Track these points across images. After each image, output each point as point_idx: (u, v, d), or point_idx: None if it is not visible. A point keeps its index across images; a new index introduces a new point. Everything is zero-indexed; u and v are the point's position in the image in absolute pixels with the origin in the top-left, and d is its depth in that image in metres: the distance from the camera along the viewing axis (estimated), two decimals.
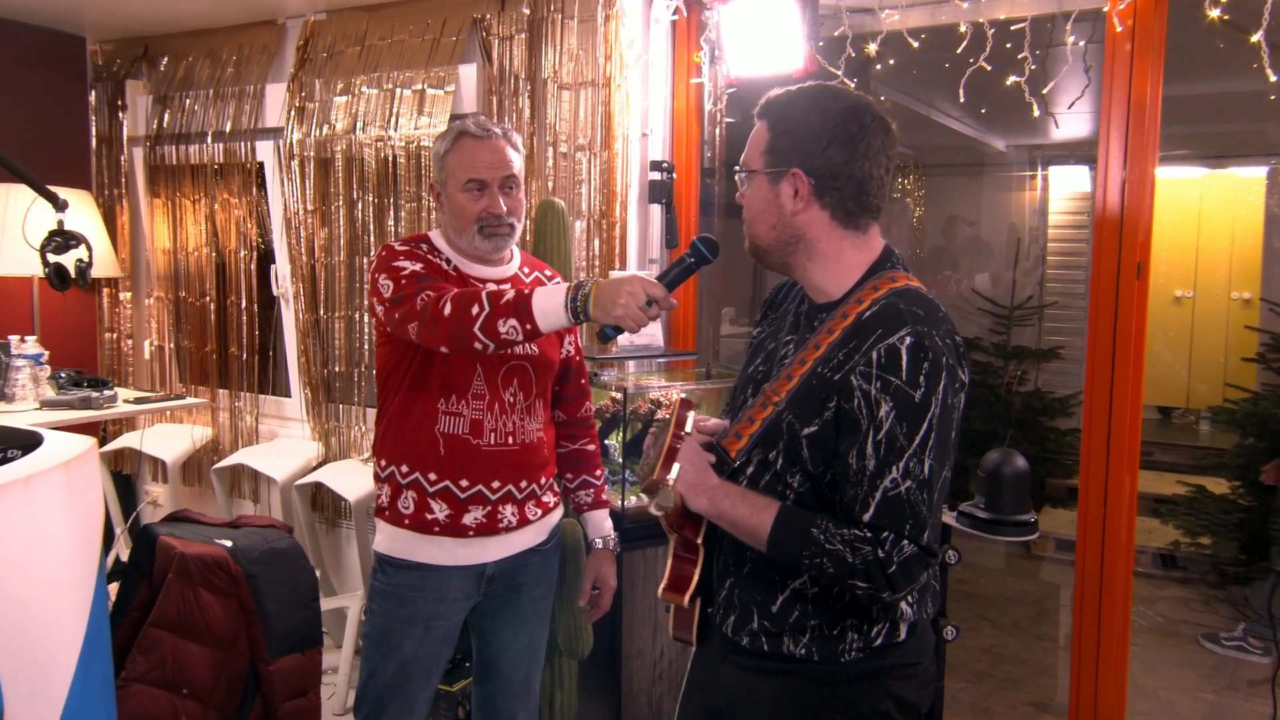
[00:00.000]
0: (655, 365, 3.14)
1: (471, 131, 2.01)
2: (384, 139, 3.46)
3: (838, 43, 2.83)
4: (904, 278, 1.48)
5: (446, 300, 1.81)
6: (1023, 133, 6.19)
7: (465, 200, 2.00)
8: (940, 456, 1.38)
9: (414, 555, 2.04)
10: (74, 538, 1.40)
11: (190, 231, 4.08)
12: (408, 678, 2.06)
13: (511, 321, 1.76)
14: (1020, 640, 4.14)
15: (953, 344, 1.42)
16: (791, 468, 1.46)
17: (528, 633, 2.18)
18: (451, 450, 2.00)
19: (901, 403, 1.36)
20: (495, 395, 2.01)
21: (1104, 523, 2.65)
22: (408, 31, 3.47)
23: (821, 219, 1.48)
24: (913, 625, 1.49)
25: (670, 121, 3.28)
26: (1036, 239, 6.55)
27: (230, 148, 3.89)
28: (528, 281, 2.12)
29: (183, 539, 2.79)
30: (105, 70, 4.22)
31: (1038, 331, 6.23)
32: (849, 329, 1.42)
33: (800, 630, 1.47)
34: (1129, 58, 2.51)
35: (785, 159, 1.46)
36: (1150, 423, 5.80)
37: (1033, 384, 5.94)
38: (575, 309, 1.73)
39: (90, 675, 1.41)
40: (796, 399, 1.44)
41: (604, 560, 2.24)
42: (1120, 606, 2.67)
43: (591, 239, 3.14)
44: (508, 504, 2.04)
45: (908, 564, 1.36)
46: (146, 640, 2.71)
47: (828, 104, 1.46)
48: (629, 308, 1.67)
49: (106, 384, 3.14)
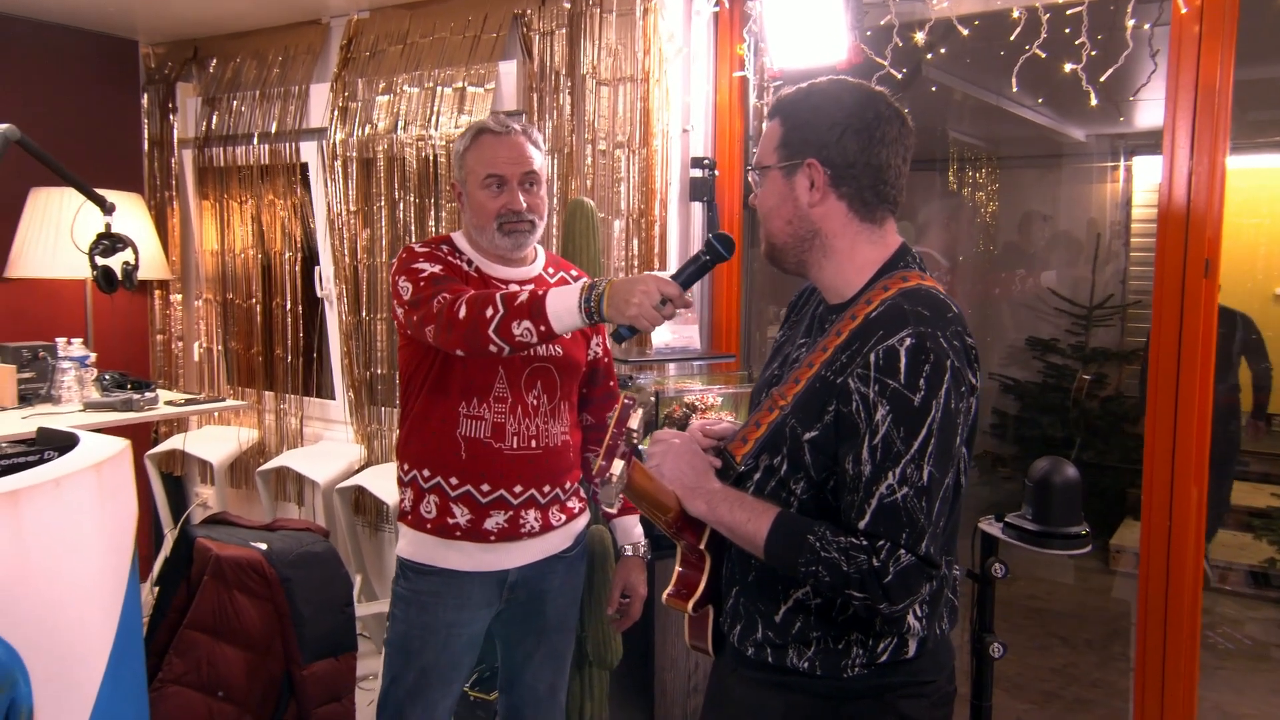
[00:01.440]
0: (695, 368, 3.05)
1: (491, 128, 1.99)
2: (425, 138, 3.43)
3: (885, 32, 2.71)
4: (916, 277, 1.42)
5: (462, 303, 1.78)
6: (1104, 122, 5.93)
7: (485, 197, 1.97)
8: (941, 463, 1.31)
9: (436, 561, 2.01)
10: (105, 538, 1.41)
11: (237, 233, 4.10)
12: (429, 685, 2.03)
13: (526, 323, 1.73)
14: (1094, 660, 3.95)
15: (961, 346, 1.35)
16: (795, 473, 1.42)
17: (552, 642, 2.14)
18: (473, 454, 1.96)
19: (899, 406, 1.30)
20: (518, 398, 1.97)
21: (1169, 536, 2.49)
22: (449, 29, 3.44)
23: (839, 210, 1.44)
24: (923, 641, 1.42)
25: (713, 116, 3.19)
26: (1118, 234, 6.29)
27: (275, 149, 3.90)
28: (552, 282, 2.08)
29: (219, 541, 2.79)
30: (157, 73, 4.28)
31: (1119, 332, 5.98)
32: (855, 331, 1.37)
33: (804, 643, 1.42)
34: (1196, 40, 2.36)
35: (800, 151, 1.43)
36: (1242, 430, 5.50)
37: (1114, 388, 5.70)
38: (589, 309, 1.70)
39: (121, 676, 1.41)
40: (800, 403, 1.40)
41: (634, 568, 2.19)
42: (1188, 625, 2.51)
43: (631, 238, 3.07)
44: (530, 509, 2.00)
45: (905, 574, 1.30)
46: (183, 642, 2.71)
47: (840, 95, 1.44)
48: (643, 307, 1.64)
49: (149, 386, 3.16)
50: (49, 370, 3.05)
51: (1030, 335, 6.01)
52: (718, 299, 3.24)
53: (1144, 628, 2.56)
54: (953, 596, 1.50)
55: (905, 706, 1.43)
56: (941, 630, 1.47)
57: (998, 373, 6.01)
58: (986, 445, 5.89)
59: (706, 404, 2.68)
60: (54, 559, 1.30)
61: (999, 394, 5.96)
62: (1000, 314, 6.34)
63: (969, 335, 1.38)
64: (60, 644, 1.30)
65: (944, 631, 1.47)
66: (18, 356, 3.05)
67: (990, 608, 2.22)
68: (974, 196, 6.34)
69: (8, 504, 1.23)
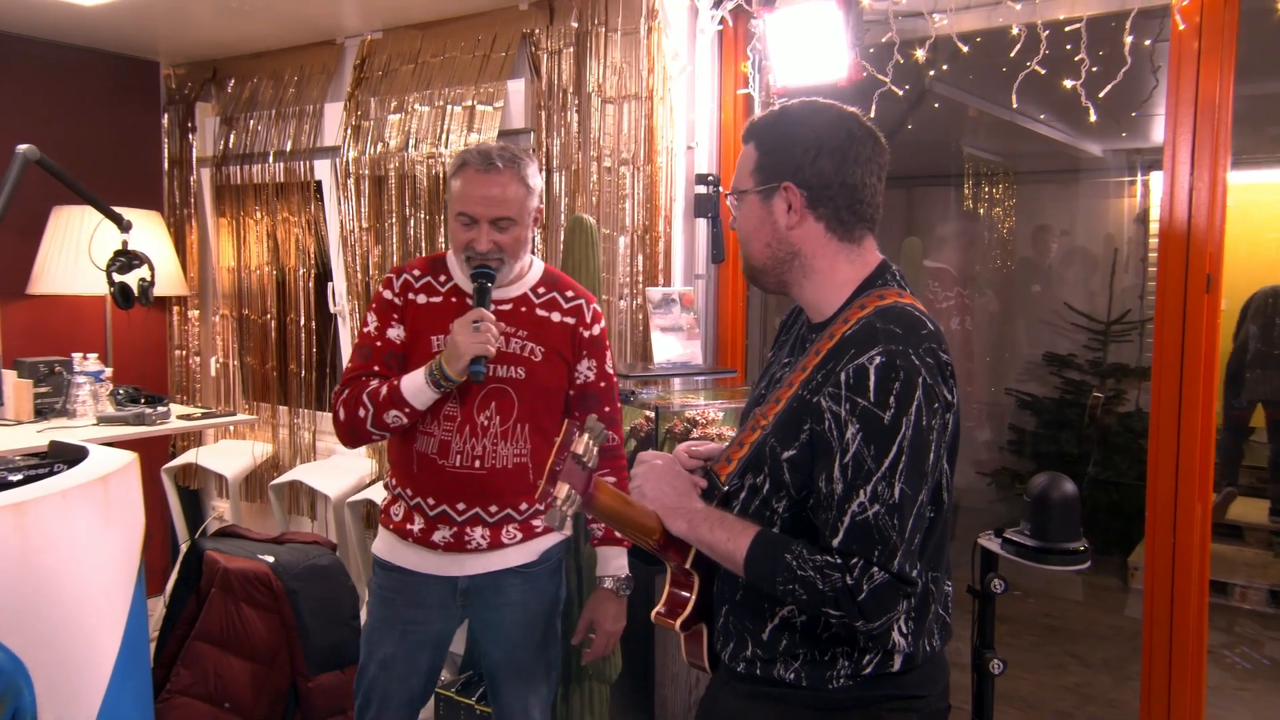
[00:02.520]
0: (698, 383, 3.07)
1: (474, 164, 1.99)
2: (435, 155, 3.48)
3: (886, 49, 2.73)
4: (893, 294, 1.43)
5: (340, 406, 2.02)
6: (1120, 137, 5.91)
7: (456, 228, 2.03)
8: (913, 480, 1.32)
9: (396, 559, 2.11)
10: (111, 550, 1.44)
11: (253, 250, 4.17)
12: (389, 678, 2.11)
13: (394, 412, 1.97)
14: (1109, 680, 3.89)
15: (935, 363, 1.36)
16: (777, 492, 1.43)
17: (520, 658, 2.16)
18: (422, 469, 2.05)
19: (869, 424, 1.31)
20: (468, 417, 2.03)
21: (1173, 553, 2.48)
22: (459, 48, 3.49)
23: (816, 231, 1.45)
24: (909, 656, 1.42)
25: (717, 133, 3.22)
26: (1136, 249, 6.24)
27: (290, 166, 3.97)
28: (538, 303, 2.10)
29: (227, 554, 2.83)
30: (177, 93, 4.36)
31: (1138, 348, 5.93)
32: (831, 350, 1.39)
33: (792, 655, 1.43)
34: (1196, 56, 2.36)
35: (775, 174, 1.45)
36: (1261, 446, 5.42)
37: (1134, 404, 5.65)
38: (435, 380, 1.93)
39: (126, 686, 1.43)
40: (780, 423, 1.41)
41: (603, 600, 2.16)
42: (1193, 643, 2.49)
43: (635, 254, 3.09)
44: (476, 526, 2.06)
45: (879, 592, 1.30)
46: (190, 653, 2.75)
47: (811, 117, 1.46)
48: (467, 340, 1.89)
49: (162, 400, 3.21)
50: (65, 385, 3.11)
51: (1047, 351, 5.98)
52: (722, 315, 3.26)
53: (1149, 644, 2.54)
54: (944, 613, 1.50)
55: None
56: (932, 647, 1.46)
57: (1014, 388, 5.97)
58: (1003, 461, 5.85)
59: (707, 419, 2.69)
60: (60, 570, 1.32)
61: (1015, 410, 5.92)
62: (1016, 329, 6.30)
63: (944, 351, 1.39)
64: (65, 654, 1.32)
65: (934, 649, 1.47)
66: (34, 371, 3.11)
67: (991, 624, 2.20)
68: (990, 212, 6.32)
69: (14, 515, 1.26)
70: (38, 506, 1.30)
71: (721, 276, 3.26)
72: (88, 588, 1.38)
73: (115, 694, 1.40)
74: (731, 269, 3.23)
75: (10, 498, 1.29)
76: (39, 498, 1.31)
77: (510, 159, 2.00)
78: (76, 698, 1.34)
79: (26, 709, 1.24)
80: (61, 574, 1.33)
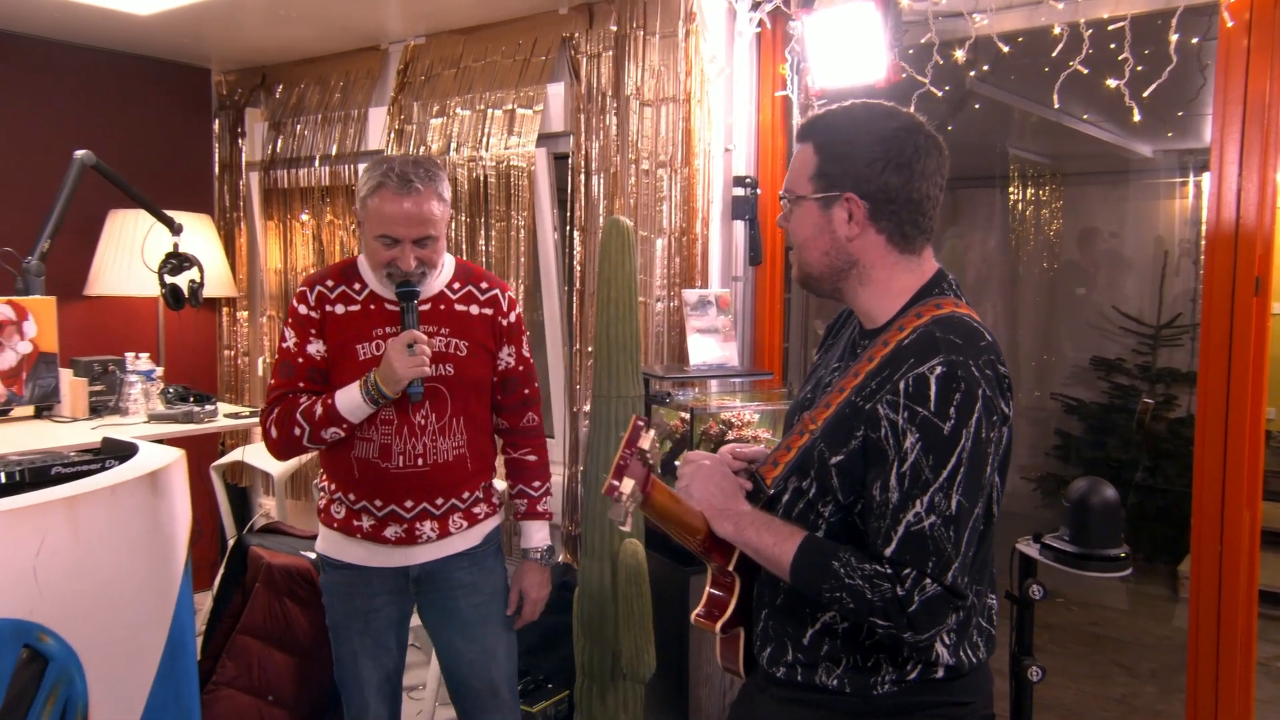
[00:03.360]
0: (734, 385, 3.07)
1: (392, 186, 1.98)
2: (476, 159, 3.52)
3: (926, 50, 2.71)
4: (950, 304, 1.40)
5: (271, 426, 2.06)
6: (1172, 137, 5.78)
7: (377, 247, 2.03)
8: (970, 493, 1.30)
9: (343, 555, 2.16)
10: (158, 543, 1.47)
11: (299, 252, 4.25)
12: (361, 664, 2.18)
13: (331, 429, 2.02)
14: (1155, 690, 3.80)
15: (994, 375, 1.33)
16: (824, 497, 1.41)
17: (480, 638, 2.20)
18: (364, 473, 2.09)
19: (929, 434, 1.28)
20: (405, 419, 2.06)
21: (1220, 562, 2.42)
22: (500, 52, 3.53)
23: (877, 243, 1.42)
24: (953, 667, 1.40)
25: (755, 136, 3.22)
26: (1188, 251, 6.11)
27: (335, 170, 4.03)
28: (455, 298, 2.14)
29: (271, 550, 2.88)
30: (228, 99, 4.46)
31: (1189, 353, 5.80)
32: (886, 357, 1.36)
33: (834, 661, 1.42)
34: (1245, 54, 2.31)
35: (838, 183, 1.40)
36: None
37: (1185, 409, 5.52)
38: (373, 397, 1.99)
39: (172, 676, 1.47)
40: (829, 428, 1.39)
41: (529, 570, 2.27)
42: (1241, 654, 2.43)
43: (672, 256, 3.10)
44: (425, 520, 2.11)
45: (930, 604, 1.28)
46: (235, 647, 2.81)
47: (878, 124, 1.40)
48: (402, 362, 1.95)
49: (210, 399, 3.28)
50: (118, 383, 3.19)
51: (1095, 355, 5.87)
52: (760, 317, 3.26)
53: (1195, 654, 2.49)
54: (989, 626, 1.47)
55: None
56: (977, 659, 1.43)
57: (1060, 393, 5.87)
58: (1049, 467, 5.75)
59: (743, 420, 2.69)
60: (109, 562, 1.36)
61: (1062, 415, 5.82)
62: (1061, 333, 6.20)
63: (1002, 364, 1.36)
64: (114, 644, 1.36)
65: (980, 660, 1.44)
66: (89, 370, 3.20)
67: (1029, 630, 2.18)
68: (1037, 214, 6.21)
69: (66, 509, 1.30)
70: (88, 500, 1.33)
71: (759, 279, 3.26)
72: (136, 580, 1.41)
73: (162, 683, 1.43)
74: (769, 271, 3.22)
75: (62, 492, 1.32)
76: (89, 492, 1.34)
77: (426, 176, 2.00)
78: (125, 687, 1.38)
79: (78, 697, 1.27)
80: (111, 566, 1.36)
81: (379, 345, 2.05)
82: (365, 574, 2.15)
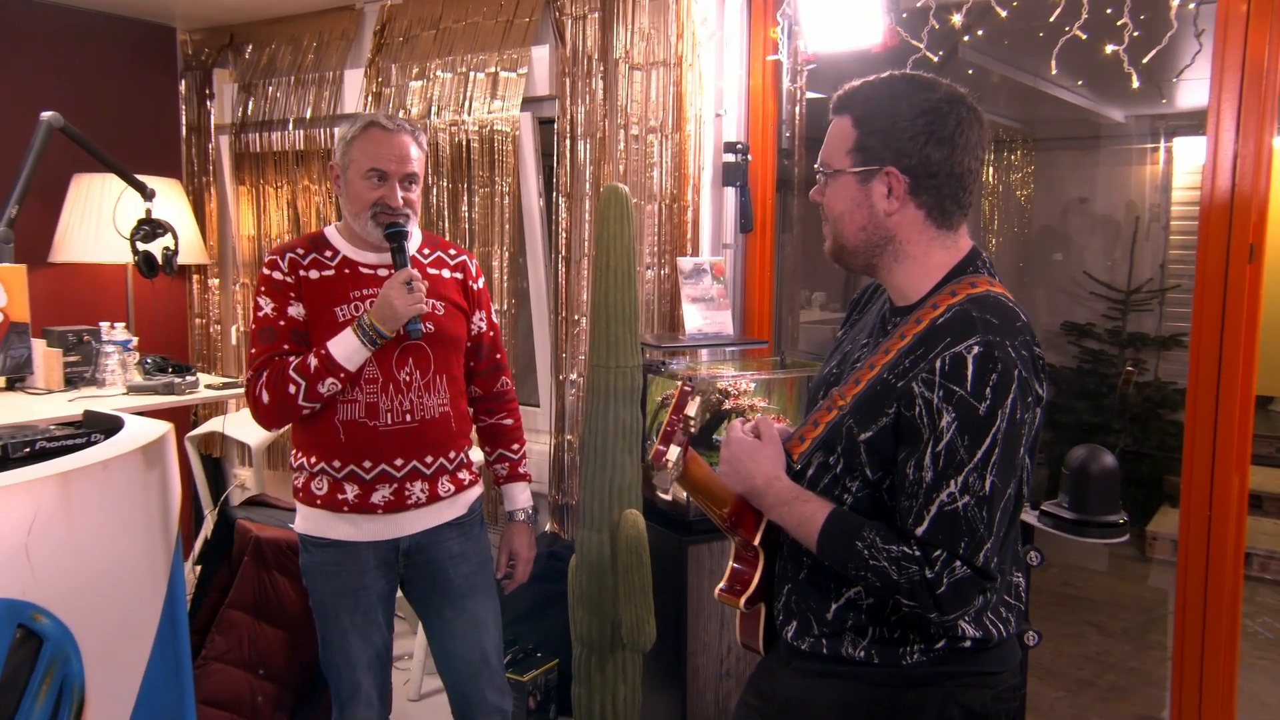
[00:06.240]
0: (727, 354, 3.05)
1: (382, 123, 2.06)
2: (458, 123, 3.44)
3: (921, 14, 2.68)
4: (985, 283, 1.39)
5: (261, 388, 2.02)
6: (1144, 102, 5.79)
7: (364, 187, 2.05)
8: (1004, 474, 1.29)
9: (328, 533, 2.12)
10: (150, 519, 1.45)
11: (273, 219, 4.14)
12: (352, 644, 2.15)
13: (328, 380, 1.99)
14: (1130, 648, 3.90)
15: (1030, 356, 1.32)
16: (850, 473, 1.40)
17: (470, 609, 2.21)
18: (351, 435, 2.07)
19: (965, 414, 1.27)
20: (389, 376, 2.07)
21: (1209, 525, 2.46)
22: (482, 13, 3.44)
23: (916, 219, 1.39)
24: (980, 640, 1.40)
25: (746, 101, 3.18)
26: (1158, 217, 6.17)
27: (310, 134, 3.93)
28: (427, 262, 2.17)
29: (258, 523, 2.83)
30: (194, 60, 4.32)
31: (1158, 317, 5.88)
32: (920, 335, 1.34)
33: (860, 633, 1.41)
34: (1244, 19, 2.31)
35: (877, 157, 1.37)
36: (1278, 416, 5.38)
37: (1152, 374, 5.61)
38: (370, 337, 1.98)
39: (167, 652, 1.45)
40: (859, 404, 1.38)
41: (518, 532, 2.31)
42: (1228, 615, 2.48)
43: (663, 223, 3.06)
44: (415, 480, 2.10)
45: (959, 586, 1.28)
46: (225, 621, 2.77)
47: (919, 96, 1.36)
48: (401, 299, 1.96)
49: (190, 370, 3.20)
50: (93, 354, 3.10)
51: (1066, 320, 5.94)
52: (750, 285, 3.24)
53: (1182, 617, 2.54)
54: (1015, 602, 1.46)
55: (966, 695, 1.40)
56: (1006, 632, 1.43)
57: None
58: None
59: (739, 389, 2.68)
60: (102, 539, 1.33)
61: None
62: (1034, 298, 6.26)
63: (1037, 345, 1.35)
64: (109, 622, 1.33)
65: (1007, 634, 1.43)
66: (63, 340, 3.10)
67: (1026, 596, 2.20)
68: (1009, 179, 6.24)
69: (58, 485, 1.26)
70: (81, 476, 1.30)
71: (749, 246, 3.23)
72: (129, 556, 1.39)
73: (158, 659, 1.42)
74: (759, 239, 3.20)
75: (54, 467, 1.29)
76: (81, 468, 1.31)
77: (411, 125, 2.10)
78: (121, 664, 1.36)
79: (74, 676, 1.25)
80: (105, 543, 1.34)
81: (357, 307, 2.06)
82: (353, 549, 2.11)
